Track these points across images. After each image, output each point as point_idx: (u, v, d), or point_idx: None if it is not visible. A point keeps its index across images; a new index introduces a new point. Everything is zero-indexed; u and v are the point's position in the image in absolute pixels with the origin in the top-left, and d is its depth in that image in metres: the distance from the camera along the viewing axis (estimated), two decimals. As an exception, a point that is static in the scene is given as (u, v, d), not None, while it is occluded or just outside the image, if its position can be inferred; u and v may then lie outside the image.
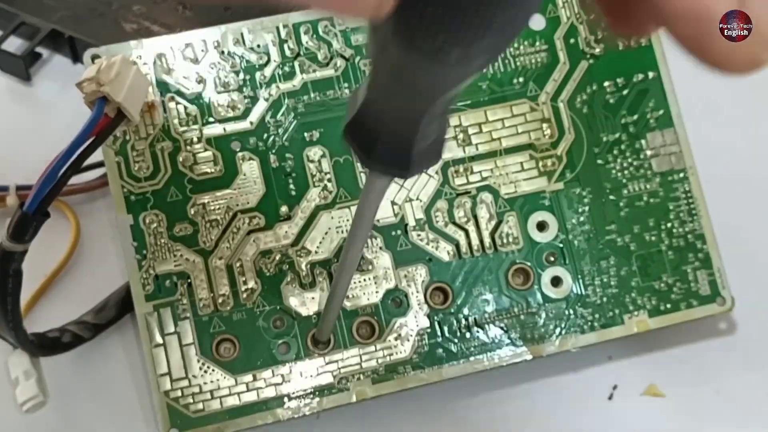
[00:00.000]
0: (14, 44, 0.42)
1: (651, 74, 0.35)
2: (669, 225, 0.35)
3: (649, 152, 0.35)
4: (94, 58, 0.33)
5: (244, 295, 0.32)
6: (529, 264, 0.34)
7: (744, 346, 0.37)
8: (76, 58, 0.43)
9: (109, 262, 0.38)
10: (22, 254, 0.29)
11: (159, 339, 0.32)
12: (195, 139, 0.33)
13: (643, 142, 0.35)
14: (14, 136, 0.42)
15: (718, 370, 0.36)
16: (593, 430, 0.35)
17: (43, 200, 0.28)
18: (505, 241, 0.34)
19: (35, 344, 0.32)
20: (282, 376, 0.32)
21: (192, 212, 0.32)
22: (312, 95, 0.33)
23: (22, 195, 0.37)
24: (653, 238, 0.35)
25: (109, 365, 0.35)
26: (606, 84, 0.35)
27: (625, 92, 0.35)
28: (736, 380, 0.36)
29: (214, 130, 0.33)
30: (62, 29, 0.42)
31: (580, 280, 0.34)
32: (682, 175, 0.35)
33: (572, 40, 0.35)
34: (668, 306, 0.34)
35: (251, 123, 0.33)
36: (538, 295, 0.34)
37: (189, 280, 0.32)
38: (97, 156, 0.37)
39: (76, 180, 0.38)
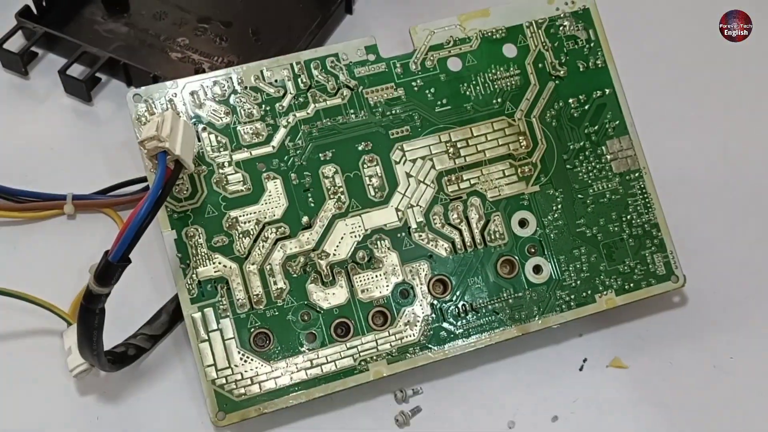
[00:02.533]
0: (77, 70, 0.46)
1: (607, 90, 0.39)
2: (629, 217, 0.38)
3: (609, 156, 0.39)
4: (134, 96, 0.36)
5: (275, 294, 0.35)
6: (513, 256, 0.37)
7: (693, 321, 0.40)
8: (130, 82, 0.47)
9: (146, 260, 0.40)
10: (107, 295, 0.31)
11: (204, 335, 0.35)
12: (226, 163, 0.36)
13: (603, 148, 0.38)
14: (77, 149, 0.45)
15: (672, 345, 0.39)
16: (567, 396, 0.38)
17: (126, 249, 0.30)
18: (492, 237, 0.37)
19: (111, 362, 0.35)
20: (311, 361, 0.35)
21: (227, 225, 0.35)
22: (324, 121, 0.37)
23: (78, 204, 0.41)
24: (616, 229, 0.38)
25: (164, 361, 0.38)
26: (570, 100, 0.39)
27: (586, 107, 0.39)
28: (687, 353, 0.39)
29: (242, 154, 0.36)
30: (118, 57, 0.46)
31: (558, 267, 0.38)
32: (637, 174, 0.39)
33: (540, 65, 0.39)
34: (632, 285, 0.38)
35: (273, 147, 0.36)
36: (523, 282, 0.37)
37: (227, 284, 0.35)
38: (140, 171, 0.41)
39: (122, 191, 0.42)
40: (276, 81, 0.37)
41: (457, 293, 0.37)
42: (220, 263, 0.35)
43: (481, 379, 0.38)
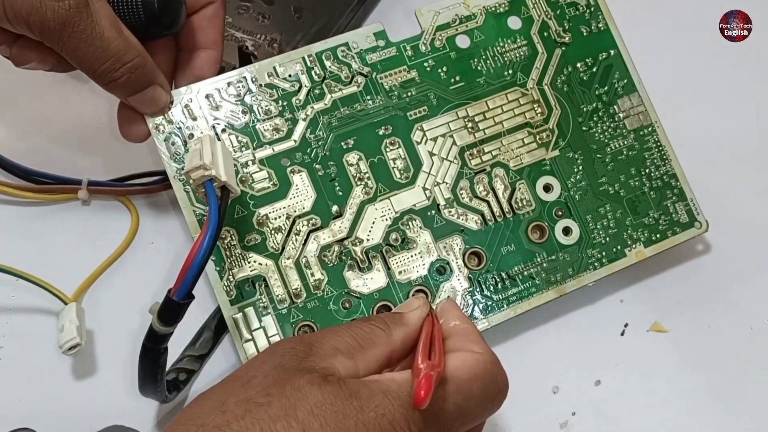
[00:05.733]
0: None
1: (612, 52, 0.37)
2: (647, 171, 0.37)
3: (621, 114, 0.37)
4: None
5: (314, 286, 0.33)
6: (542, 220, 0.36)
7: (730, 285, 0.39)
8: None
9: (157, 248, 0.39)
10: (171, 334, 0.29)
11: (247, 335, 0.33)
12: (250, 162, 0.34)
13: (615, 107, 0.37)
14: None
15: (710, 308, 0.38)
16: (609, 361, 0.37)
17: (190, 286, 0.28)
18: (520, 204, 0.36)
19: (168, 392, 0.33)
20: (357, 347, 0.34)
21: (257, 223, 0.33)
22: (342, 110, 0.35)
23: (92, 190, 0.38)
24: (637, 183, 0.37)
25: (212, 368, 0.36)
26: (578, 65, 0.37)
27: (594, 69, 0.37)
28: (725, 316, 0.38)
29: (265, 152, 0.34)
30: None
31: (585, 227, 0.36)
32: (650, 129, 0.37)
33: (545, 34, 0.37)
34: (658, 236, 0.36)
35: (295, 141, 0.34)
36: (555, 245, 0.36)
37: (265, 281, 0.33)
38: (158, 165, 0.38)
39: (138, 181, 0.40)
40: (290, 76, 0.35)
41: (492, 264, 0.35)
42: (255, 261, 0.33)
43: (526, 346, 0.37)
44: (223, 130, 0.34)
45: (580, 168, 0.36)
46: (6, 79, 0.42)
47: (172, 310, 0.28)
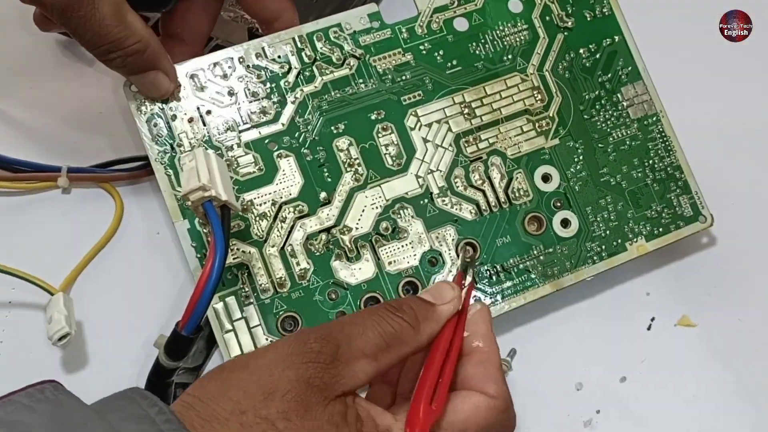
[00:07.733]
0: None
1: (617, 38, 0.35)
2: (651, 162, 0.35)
3: (625, 103, 0.35)
4: (130, 85, 0.32)
5: (299, 275, 0.31)
6: (540, 211, 0.33)
7: (762, 279, 0.36)
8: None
9: (144, 237, 0.36)
10: (178, 368, 0.27)
11: (228, 326, 0.30)
12: (235, 145, 0.31)
13: (618, 95, 0.35)
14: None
15: (741, 302, 0.36)
16: (635, 356, 0.34)
17: (200, 320, 0.26)
18: (517, 195, 0.33)
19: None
20: (343, 340, 0.31)
21: (242, 209, 0.31)
22: (332, 93, 0.33)
23: (73, 177, 0.36)
24: (640, 175, 0.34)
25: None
26: (581, 51, 0.35)
27: (598, 56, 0.35)
28: (756, 310, 0.36)
29: (251, 135, 0.32)
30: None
31: (585, 219, 0.34)
32: (654, 118, 0.35)
33: (547, 18, 0.35)
34: (661, 230, 0.34)
35: (283, 124, 0.32)
36: (552, 237, 0.33)
37: (248, 270, 0.31)
38: (141, 150, 0.36)
39: (121, 167, 0.37)
40: (279, 57, 0.32)
41: (487, 255, 0.32)
42: (238, 249, 0.31)
43: (548, 341, 0.35)
44: (208, 112, 0.32)
45: (581, 158, 0.34)
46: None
47: (180, 344, 0.26)
